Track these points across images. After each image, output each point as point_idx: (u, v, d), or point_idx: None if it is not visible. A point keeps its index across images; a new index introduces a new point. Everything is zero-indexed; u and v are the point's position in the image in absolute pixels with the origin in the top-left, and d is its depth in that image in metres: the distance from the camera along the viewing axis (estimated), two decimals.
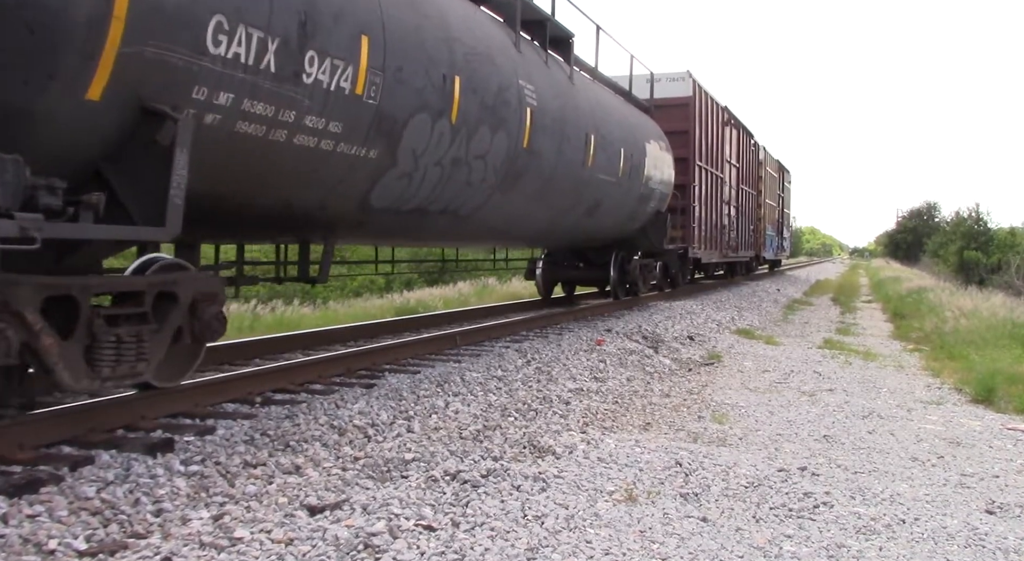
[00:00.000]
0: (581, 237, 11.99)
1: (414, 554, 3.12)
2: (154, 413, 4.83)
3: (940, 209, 65.72)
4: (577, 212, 10.26)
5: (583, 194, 9.99)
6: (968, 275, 32.82)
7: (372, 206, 6.17)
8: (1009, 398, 7.79)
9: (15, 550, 2.99)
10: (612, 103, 11.32)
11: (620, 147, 10.88)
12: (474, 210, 7.63)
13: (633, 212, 12.36)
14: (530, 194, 8.54)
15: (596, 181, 10.14)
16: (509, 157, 7.62)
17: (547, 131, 8.37)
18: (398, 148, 5.92)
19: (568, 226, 10.59)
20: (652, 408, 6.75)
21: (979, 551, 3.63)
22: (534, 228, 9.82)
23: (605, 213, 11.18)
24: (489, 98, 7.05)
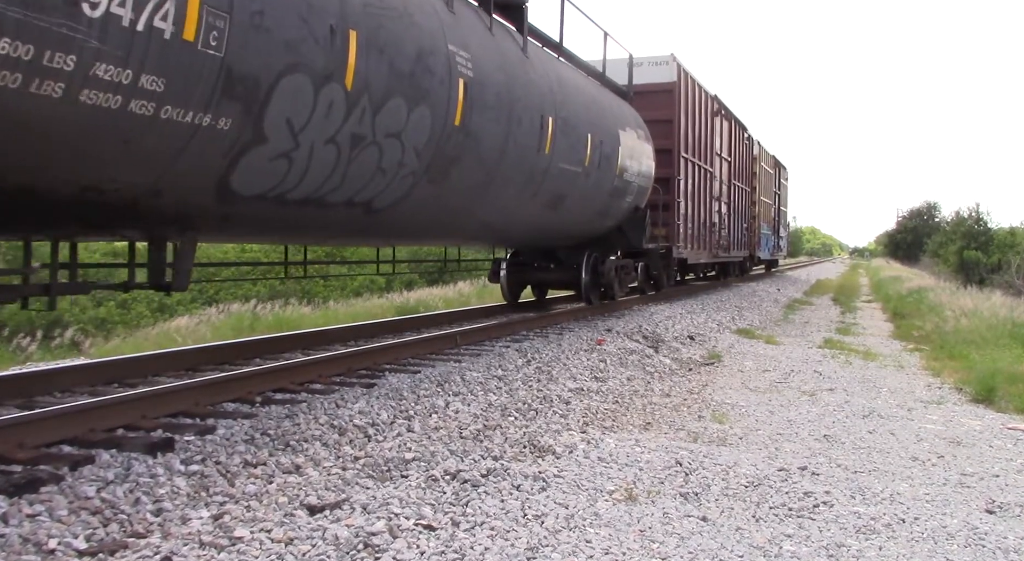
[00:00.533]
0: (544, 235, 10.68)
1: (414, 553, 3.12)
2: (154, 412, 4.84)
3: (940, 209, 65.68)
4: (535, 206, 9.01)
5: (541, 185, 8.74)
6: (968, 275, 32.79)
7: (237, 193, 4.88)
8: (1009, 398, 7.79)
9: (15, 549, 2.99)
10: (578, 83, 9.96)
11: (587, 133, 9.61)
12: (394, 203, 6.42)
13: (606, 207, 11.12)
14: (471, 184, 7.35)
15: (556, 171, 8.91)
16: (436, 138, 6.39)
17: (489, 109, 7.13)
18: (264, 118, 4.61)
19: (525, 222, 9.34)
20: (652, 408, 6.75)
21: (979, 551, 3.63)
22: (480, 224, 8.45)
23: (571, 208, 9.95)
24: (404, 63, 5.79)
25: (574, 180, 9.54)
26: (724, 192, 19.68)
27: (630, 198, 11.81)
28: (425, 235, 8.41)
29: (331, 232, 6.62)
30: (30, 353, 11.42)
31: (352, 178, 5.70)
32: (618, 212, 11.72)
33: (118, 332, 14.34)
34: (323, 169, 5.38)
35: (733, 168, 21.00)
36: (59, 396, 5.46)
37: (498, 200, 8.12)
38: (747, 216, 23.71)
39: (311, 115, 4.98)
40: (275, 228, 5.98)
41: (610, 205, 11.24)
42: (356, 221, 6.38)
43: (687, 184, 15.56)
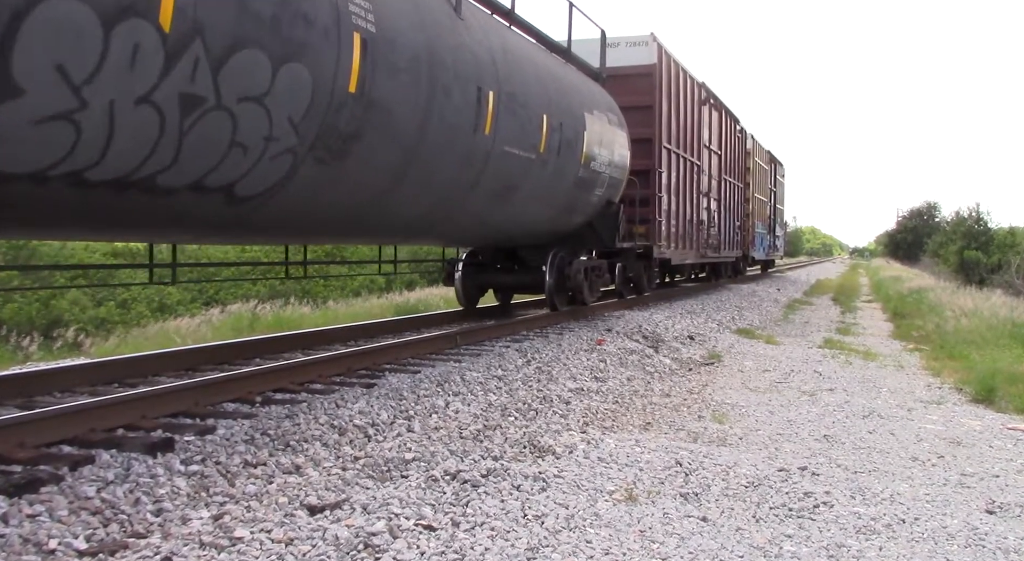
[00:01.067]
0: (495, 232, 9.30)
1: (414, 554, 3.12)
2: (154, 412, 4.84)
3: (940, 209, 65.66)
4: (478, 198, 7.77)
5: (483, 173, 7.45)
6: (968, 275, 32.78)
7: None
8: (1009, 398, 7.79)
9: (15, 550, 2.99)
10: (532, 56, 8.67)
11: (542, 113, 8.39)
12: (269, 189, 5.10)
13: (570, 201, 9.87)
14: (380, 168, 6.08)
15: (502, 156, 7.67)
16: (322, 107, 5.10)
17: (401, 75, 5.88)
18: (11, 61, 3.40)
19: (467, 217, 8.02)
20: (652, 408, 6.75)
21: (979, 551, 3.63)
22: (403, 219, 7.12)
23: (525, 200, 8.74)
24: (262, 4, 4.52)
25: (527, 168, 8.27)
26: (714, 187, 18.35)
27: (600, 191, 10.55)
28: (326, 231, 6.74)
29: (185, 227, 5.16)
30: (30, 353, 11.43)
31: (192, 154, 4.36)
32: (587, 207, 10.46)
33: (118, 332, 14.35)
34: (139, 139, 4.05)
35: (724, 162, 19.64)
36: (59, 396, 5.46)
37: (424, 189, 6.85)
38: (740, 214, 22.37)
39: (101, 62, 3.71)
40: (90, 220, 4.52)
41: (576, 198, 10.00)
42: (216, 213, 5.02)
43: (670, 177, 14.32)
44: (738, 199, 22.09)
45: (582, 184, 9.92)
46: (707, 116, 17.45)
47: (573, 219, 10.44)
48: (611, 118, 10.84)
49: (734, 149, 21.20)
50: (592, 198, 10.47)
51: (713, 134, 18.16)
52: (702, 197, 16.98)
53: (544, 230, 10.11)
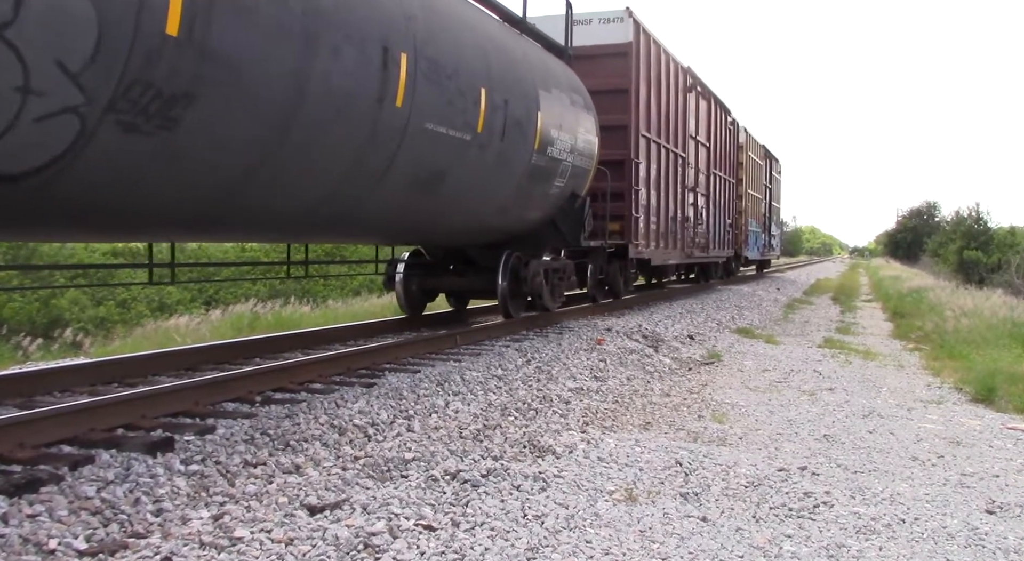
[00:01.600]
0: (424, 229, 8.03)
1: (414, 554, 3.12)
2: (154, 412, 4.84)
3: (940, 209, 65.68)
4: (394, 186, 6.44)
5: (398, 155, 6.14)
6: (968, 274, 32.79)
7: None
8: (1009, 397, 7.79)
9: (15, 550, 2.99)
10: (468, 19, 7.42)
11: (479, 87, 7.11)
12: (49, 164, 3.83)
13: (523, 192, 8.57)
14: (235, 143, 4.73)
15: (423, 134, 6.37)
16: (119, 52, 3.82)
17: (257, 19, 4.57)
18: None
19: (380, 211, 6.75)
20: (652, 407, 6.75)
21: (979, 551, 3.63)
22: (285, 210, 5.73)
23: (461, 191, 7.50)
24: None
25: (460, 151, 6.99)
26: (701, 182, 17.05)
27: (561, 182, 9.32)
28: (164, 226, 5.18)
29: None
30: (30, 352, 11.43)
31: None
32: (545, 200, 9.23)
33: (118, 331, 14.35)
34: None
35: (713, 156, 18.38)
36: (59, 396, 5.46)
37: (307, 176, 5.44)
38: (732, 211, 21.24)
39: None
40: None
41: (530, 190, 8.75)
42: None
43: (650, 169, 13.14)
44: (729, 195, 20.89)
45: (537, 173, 8.65)
46: (693, 104, 16.15)
47: (528, 214, 9.13)
48: (575, 99, 9.58)
49: (725, 142, 19.95)
50: (551, 190, 9.19)
51: (701, 125, 16.96)
52: (688, 192, 15.75)
53: (492, 227, 8.78)
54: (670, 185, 14.46)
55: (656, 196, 13.66)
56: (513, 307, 9.54)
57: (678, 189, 15.04)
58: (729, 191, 20.80)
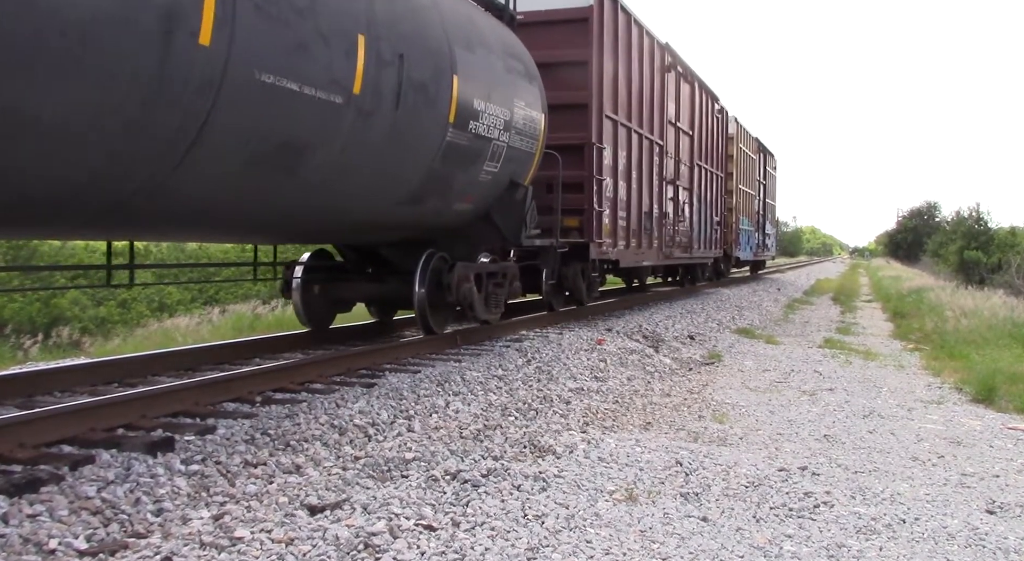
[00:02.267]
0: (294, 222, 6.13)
1: (414, 554, 3.12)
2: (154, 412, 4.84)
3: (940, 209, 65.69)
4: (213, 160, 4.64)
5: (214, 115, 4.40)
6: (968, 275, 32.78)
7: None
8: (1010, 397, 7.79)
9: (15, 550, 2.99)
10: None
11: (354, 32, 5.42)
12: None
13: (438, 178, 6.91)
14: None
15: (259, 89, 4.62)
16: None
17: None
18: None
19: (202, 193, 4.86)
20: (652, 407, 6.75)
21: (979, 551, 3.63)
22: (32, 193, 4.00)
23: (338, 172, 5.71)
24: None
25: (328, 118, 5.25)
26: (683, 174, 15.38)
27: (493, 167, 7.68)
28: None
29: None
30: (30, 352, 11.43)
31: None
32: (472, 188, 7.56)
33: (118, 331, 14.35)
34: None
35: (698, 146, 16.58)
36: (59, 396, 5.46)
37: (46, 138, 3.73)
38: (720, 208, 19.53)
39: None
40: None
41: (447, 175, 7.05)
42: None
43: (618, 157, 11.42)
44: (718, 191, 19.14)
45: (456, 154, 6.98)
46: (672, 87, 14.50)
47: (452, 206, 7.49)
48: (512, 66, 7.92)
49: (712, 132, 18.15)
50: (480, 176, 7.55)
51: (682, 111, 15.28)
52: (666, 185, 14.09)
53: (401, 222, 7.15)
54: (644, 176, 12.74)
55: (626, 188, 11.93)
56: (435, 319, 7.89)
57: (654, 181, 13.34)
58: (717, 186, 19.07)
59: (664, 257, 14.28)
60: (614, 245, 11.50)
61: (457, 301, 7.88)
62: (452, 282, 7.76)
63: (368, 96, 5.63)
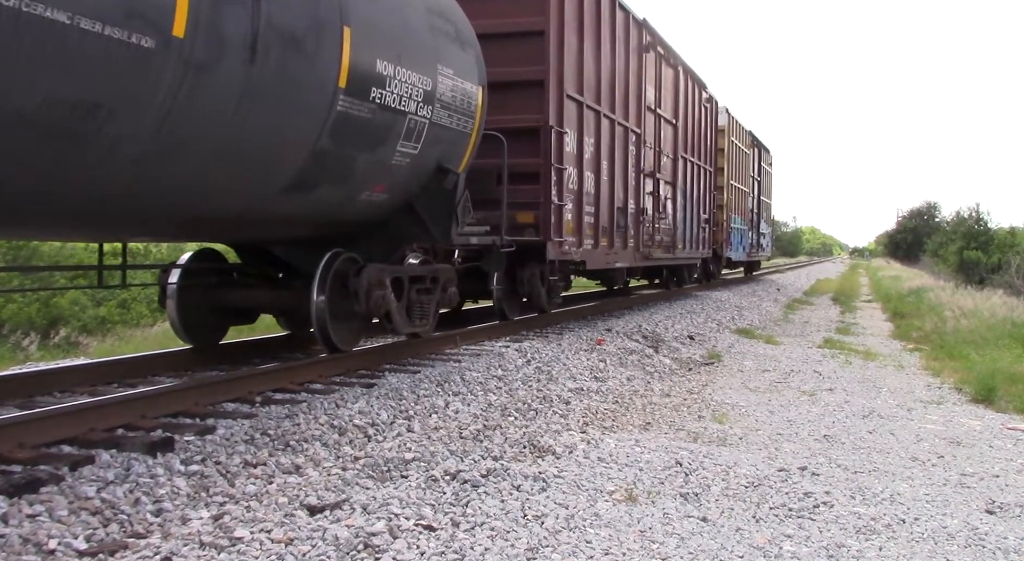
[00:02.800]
0: (91, 209, 4.49)
1: (414, 554, 3.12)
2: (154, 412, 4.84)
3: (940, 209, 65.79)
4: None
5: None
6: (968, 275, 32.80)
7: None
8: (1009, 398, 7.80)
9: (15, 550, 2.99)
10: None
11: None
12: None
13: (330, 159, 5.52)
14: None
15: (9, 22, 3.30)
16: None
17: None
18: None
19: None
20: (652, 408, 6.75)
21: (979, 551, 3.63)
22: None
23: (152, 143, 4.22)
24: None
25: (132, 66, 3.88)
26: (665, 167, 13.95)
27: (411, 148, 6.26)
28: None
29: None
30: (30, 352, 11.43)
31: None
32: (383, 174, 6.17)
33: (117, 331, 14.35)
34: None
35: (683, 137, 15.15)
36: (59, 396, 5.46)
37: None
38: (709, 204, 18.00)
39: None
40: None
41: (344, 156, 5.67)
42: None
43: (584, 144, 9.96)
44: (706, 186, 17.60)
45: (354, 129, 5.57)
46: (652, 69, 13.01)
47: (352, 195, 6.07)
48: (437, 24, 6.51)
49: (699, 122, 16.72)
50: (392, 159, 6.12)
51: (664, 97, 13.75)
52: (644, 178, 12.56)
53: (284, 215, 5.78)
54: (617, 167, 11.22)
55: (595, 180, 10.44)
56: (338, 333, 6.44)
57: (630, 173, 11.84)
58: (705, 181, 17.54)
59: (642, 258, 12.77)
60: (579, 244, 10.00)
61: (368, 311, 6.43)
62: (361, 288, 6.36)
63: (200, 43, 4.19)
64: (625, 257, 11.97)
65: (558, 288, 10.48)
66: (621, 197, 11.62)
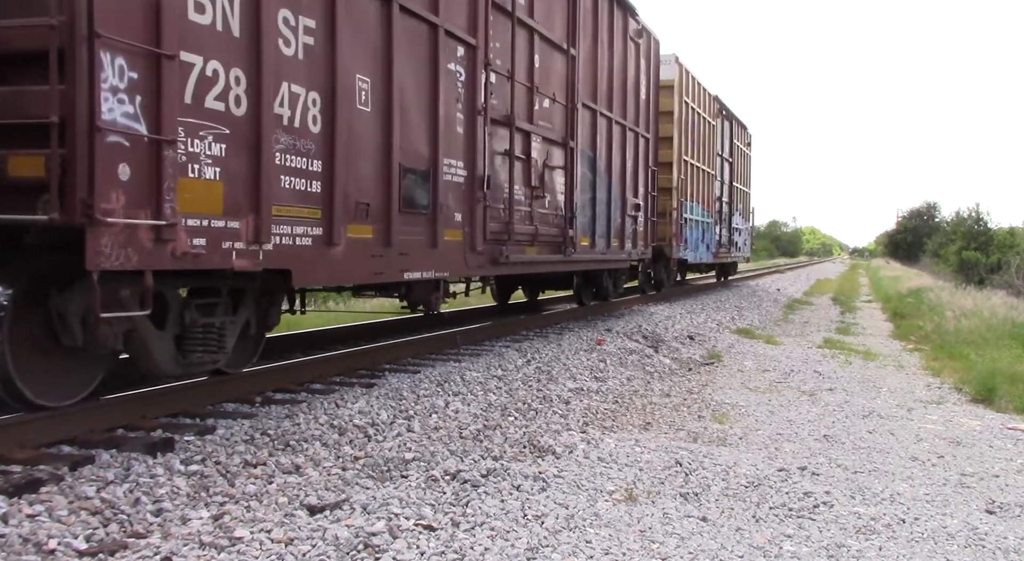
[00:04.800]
0: None
1: (414, 554, 3.12)
2: (154, 412, 4.84)
3: (940, 209, 65.93)
4: None
5: None
6: (968, 275, 32.83)
7: None
8: (1009, 397, 7.79)
9: (15, 550, 2.99)
10: None
11: None
12: None
13: None
14: None
15: None
16: None
17: None
18: None
19: None
20: (652, 408, 6.75)
21: (979, 551, 3.63)
22: None
23: None
24: None
25: None
26: (551, 118, 9.04)
27: None
28: None
29: None
30: None
31: None
32: None
33: None
34: None
35: (588, 79, 10.10)
36: None
37: None
38: (643, 185, 12.73)
39: None
40: None
41: None
42: None
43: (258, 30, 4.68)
44: (639, 159, 12.43)
45: None
46: None
47: None
48: None
49: (623, 64, 11.55)
50: None
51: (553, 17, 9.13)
52: (490, 126, 7.52)
53: None
54: (407, 95, 6.29)
55: (314, 106, 5.25)
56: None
57: (454, 114, 7.03)
58: (637, 151, 12.37)
59: (488, 260, 7.65)
60: (254, 234, 4.71)
61: None
62: None
63: None
64: (431, 260, 6.71)
65: (106, 335, 4.35)
66: (422, 151, 6.53)
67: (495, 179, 7.83)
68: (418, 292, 7.29)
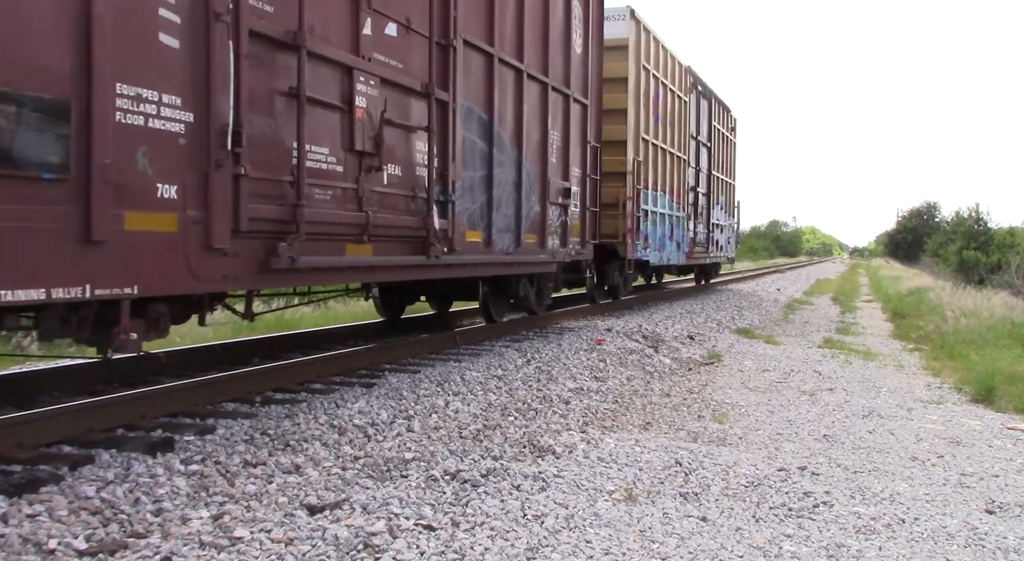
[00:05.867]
0: None
1: (414, 554, 3.12)
2: (154, 412, 4.84)
3: (940, 209, 65.90)
4: None
5: None
6: (968, 275, 32.81)
7: None
8: (1009, 397, 7.80)
9: (15, 550, 2.99)
10: None
11: None
12: None
13: None
14: None
15: None
16: None
17: None
18: None
19: None
20: (652, 407, 6.75)
21: (979, 551, 3.63)
22: None
23: None
24: None
25: None
26: (390, 49, 6.09)
27: None
28: None
29: None
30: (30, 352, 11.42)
31: None
32: None
33: None
34: None
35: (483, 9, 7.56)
36: (59, 396, 5.45)
37: None
38: (577, 164, 10.05)
39: None
40: None
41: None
42: None
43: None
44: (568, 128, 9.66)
45: None
46: None
47: None
48: None
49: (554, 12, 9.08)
50: None
51: None
52: (214, 26, 4.32)
53: None
54: None
55: None
56: None
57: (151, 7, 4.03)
58: (569, 120, 9.73)
59: (251, 265, 4.82)
60: None
61: None
62: None
63: None
64: (52, 267, 3.62)
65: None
66: (34, 58, 3.52)
67: (263, 132, 4.83)
68: (50, 324, 4.05)
